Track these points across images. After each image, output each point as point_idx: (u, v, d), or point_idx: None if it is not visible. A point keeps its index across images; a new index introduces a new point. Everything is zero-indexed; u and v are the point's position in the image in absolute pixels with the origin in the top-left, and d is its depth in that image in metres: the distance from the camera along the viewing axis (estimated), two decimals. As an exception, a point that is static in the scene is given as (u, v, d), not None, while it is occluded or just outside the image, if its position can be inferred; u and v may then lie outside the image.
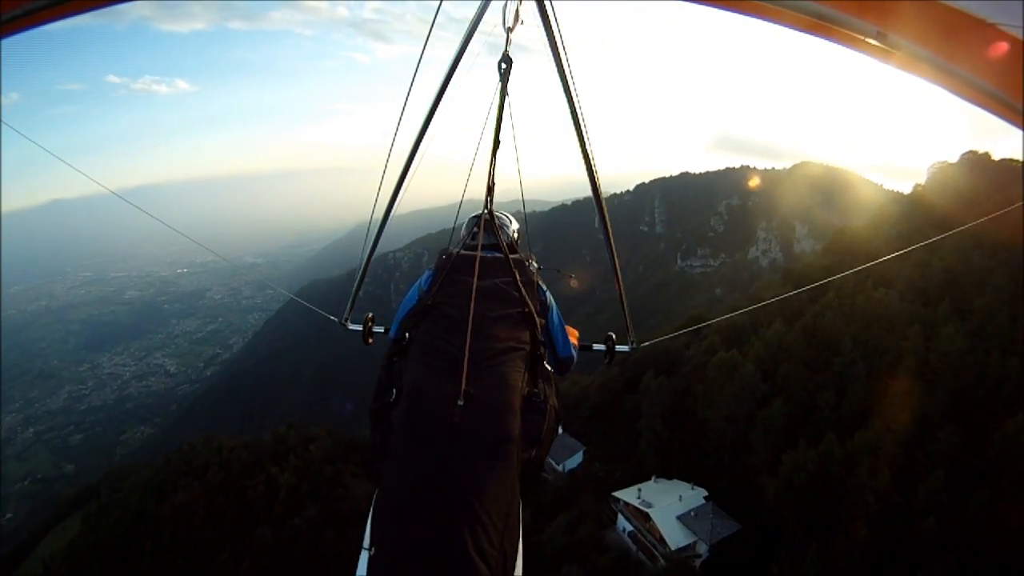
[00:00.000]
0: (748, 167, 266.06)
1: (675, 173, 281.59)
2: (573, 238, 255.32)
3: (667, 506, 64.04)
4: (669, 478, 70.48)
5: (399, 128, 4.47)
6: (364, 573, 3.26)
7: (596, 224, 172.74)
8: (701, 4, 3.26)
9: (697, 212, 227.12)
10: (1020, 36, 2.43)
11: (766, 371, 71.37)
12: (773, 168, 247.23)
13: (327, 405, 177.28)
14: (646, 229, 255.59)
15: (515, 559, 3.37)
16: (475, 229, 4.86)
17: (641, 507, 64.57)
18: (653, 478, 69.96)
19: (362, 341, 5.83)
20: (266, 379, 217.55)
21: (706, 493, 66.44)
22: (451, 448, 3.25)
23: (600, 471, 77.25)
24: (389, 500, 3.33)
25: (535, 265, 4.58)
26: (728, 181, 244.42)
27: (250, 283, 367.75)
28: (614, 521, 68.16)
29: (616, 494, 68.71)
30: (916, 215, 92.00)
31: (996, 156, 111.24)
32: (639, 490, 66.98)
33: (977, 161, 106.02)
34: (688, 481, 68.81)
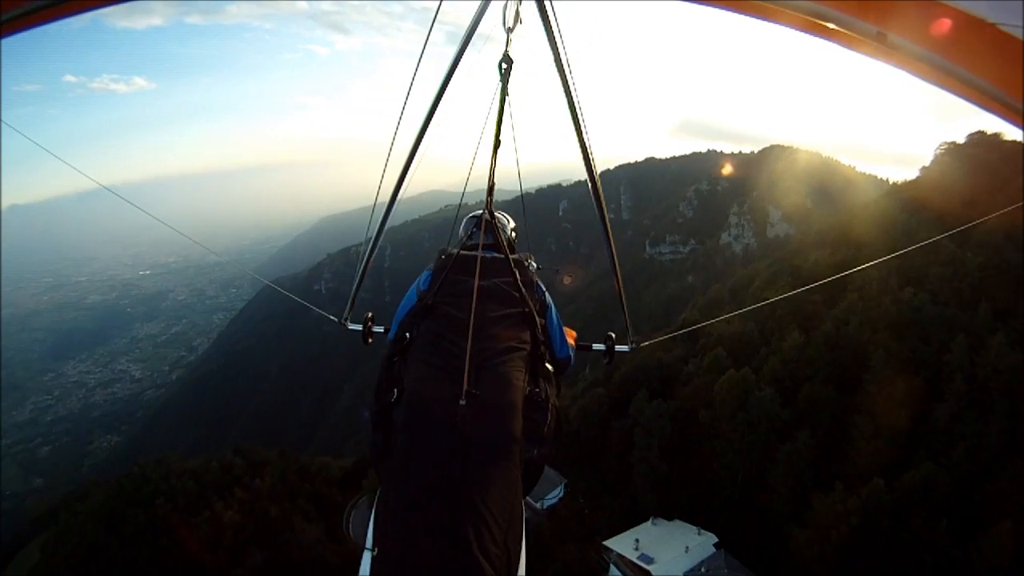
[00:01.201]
0: (715, 151, 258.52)
1: (640, 159, 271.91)
2: (539, 227, 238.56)
3: (671, 560, 52.68)
4: (669, 518, 57.92)
5: (399, 128, 4.24)
6: (367, 573, 3.27)
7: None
8: (701, 4, 3.16)
9: (664, 198, 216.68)
10: (1020, 36, 2.37)
11: (785, 392, 57.89)
12: (740, 152, 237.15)
13: (293, 405, 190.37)
14: (612, 216, 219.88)
15: (518, 559, 3.28)
16: (474, 229, 4.77)
17: (640, 563, 53.47)
18: (651, 520, 57.88)
19: (362, 341, 5.57)
20: (232, 381, 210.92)
21: (716, 540, 54.94)
22: (454, 448, 3.13)
23: (585, 507, 63.13)
24: (392, 500, 3.20)
25: (535, 265, 4.59)
26: (695, 166, 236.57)
27: (214, 282, 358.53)
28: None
29: (608, 543, 56.93)
30: (926, 204, 77.76)
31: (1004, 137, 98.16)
32: (636, 540, 55.84)
33: (986, 143, 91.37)
34: (693, 523, 56.52)
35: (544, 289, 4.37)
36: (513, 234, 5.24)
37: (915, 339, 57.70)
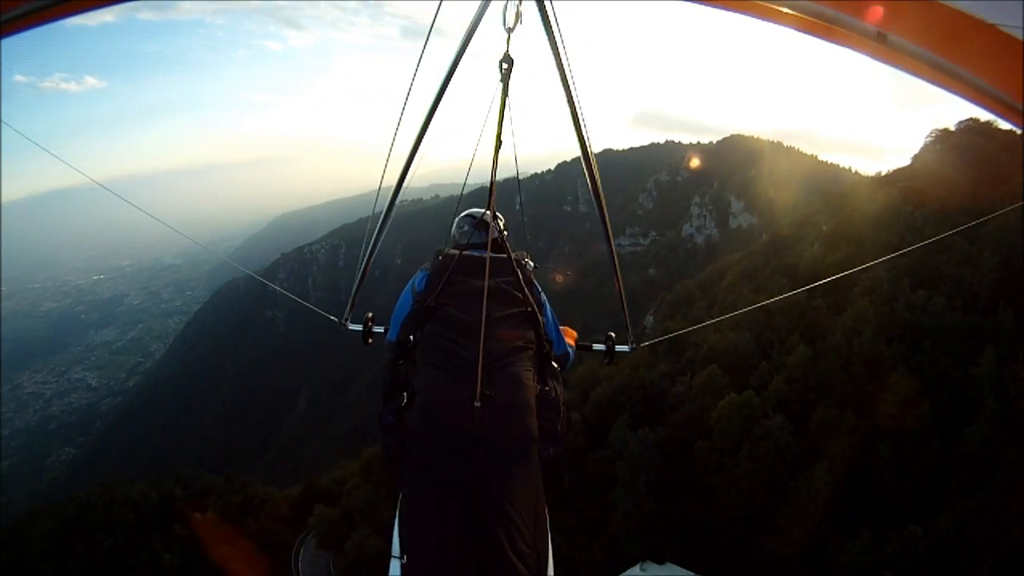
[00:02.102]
0: (674, 142, 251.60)
1: (598, 150, 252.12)
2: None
3: (670, 620, 42.76)
4: (660, 561, 46.73)
5: (399, 128, 4.13)
6: None
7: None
8: (700, 4, 3.16)
9: (623, 190, 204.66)
10: (1020, 36, 2.38)
11: (794, 417, 47.84)
12: (699, 142, 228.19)
13: (251, 409, 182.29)
14: (569, 209, 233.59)
15: (547, 558, 3.30)
16: (465, 228, 4.74)
17: (633, 625, 43.28)
18: (639, 566, 46.74)
19: (362, 341, 5.54)
20: (188, 387, 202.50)
21: (717, 587, 44.97)
22: (475, 451, 3.11)
23: (562, 546, 51.62)
24: (418, 507, 3.20)
25: (531, 264, 4.47)
26: (654, 157, 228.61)
27: (169, 286, 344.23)
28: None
29: (593, 590, 47.39)
30: (926, 196, 67.34)
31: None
32: (626, 591, 45.87)
33: (981, 131, 79.70)
34: (689, 568, 45.74)
35: (540, 288, 4.28)
36: (505, 233, 4.79)
37: (936, 351, 48.48)
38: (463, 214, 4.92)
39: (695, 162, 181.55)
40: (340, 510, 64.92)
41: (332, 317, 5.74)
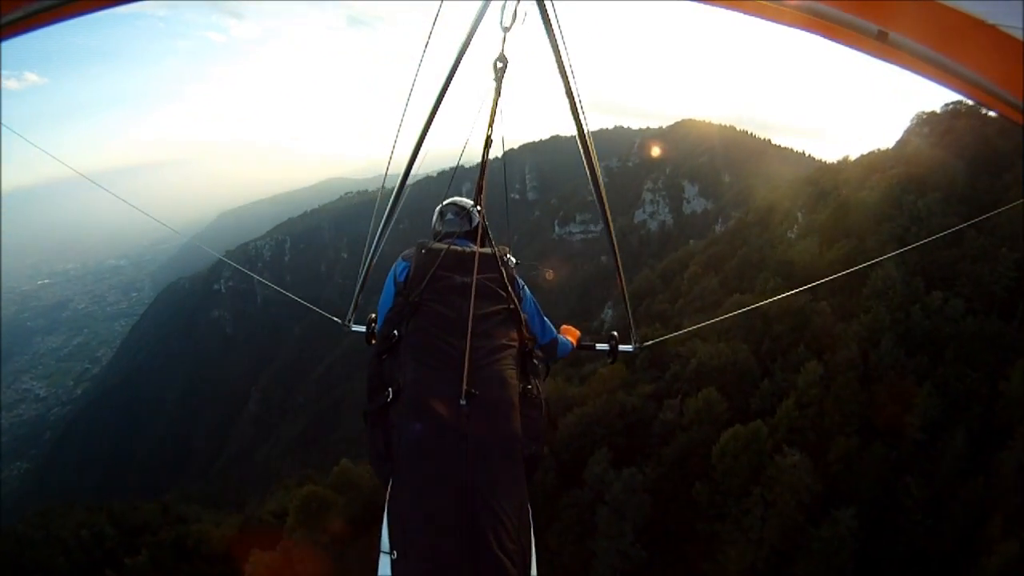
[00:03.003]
0: (623, 127, 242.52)
1: (545, 137, 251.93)
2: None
3: None
4: None
5: (400, 128, 4.09)
6: (387, 575, 3.09)
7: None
8: (701, 3, 3.14)
9: (572, 176, 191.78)
10: (1020, 37, 2.35)
11: (810, 449, 38.36)
12: (649, 127, 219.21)
13: (200, 415, 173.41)
14: (517, 197, 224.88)
15: (531, 554, 3.21)
16: (448, 216, 4.59)
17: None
18: None
19: (365, 342, 5.13)
20: (136, 393, 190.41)
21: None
22: (461, 448, 3.07)
23: None
24: (406, 504, 3.12)
25: (512, 260, 4.23)
26: (604, 143, 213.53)
27: (114, 288, 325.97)
28: None
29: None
30: (924, 183, 56.99)
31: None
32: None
33: (971, 115, 67.39)
34: None
35: (522, 283, 4.15)
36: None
37: (960, 363, 40.19)
38: (447, 202, 4.68)
39: (656, 151, 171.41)
40: (280, 554, 55.65)
41: (335, 319, 5.50)
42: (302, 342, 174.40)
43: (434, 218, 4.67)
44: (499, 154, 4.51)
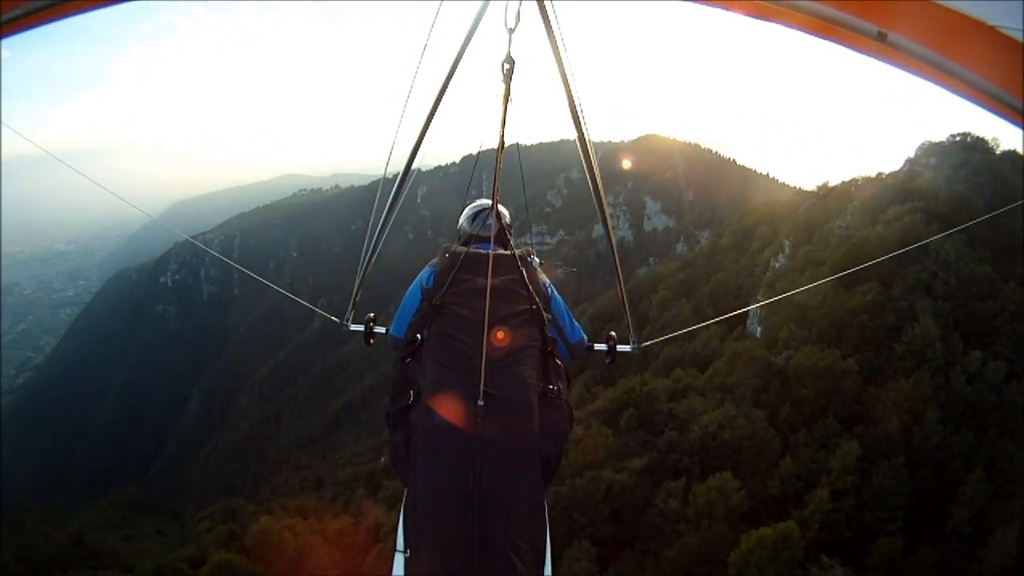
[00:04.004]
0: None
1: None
2: (400, 214, 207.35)
3: None
4: None
5: (399, 128, 3.80)
6: (401, 574, 3.11)
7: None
8: (701, 4, 3.05)
9: (530, 185, 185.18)
10: (1020, 39, 2.25)
11: (845, 549, 29.46)
12: (610, 141, 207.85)
13: (140, 412, 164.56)
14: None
15: (544, 556, 3.20)
16: (474, 221, 4.52)
17: None
18: None
19: (364, 341, 4.86)
20: (78, 386, 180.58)
21: None
22: (477, 449, 2.99)
23: None
24: (421, 503, 3.06)
25: (537, 260, 4.08)
26: (564, 153, 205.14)
27: (61, 275, 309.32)
28: None
29: None
30: (948, 220, 45.65)
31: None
32: None
33: (976, 147, 62.92)
34: None
35: (548, 282, 3.98)
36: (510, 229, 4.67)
37: (1006, 442, 32.32)
38: (473, 205, 4.63)
39: (622, 164, 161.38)
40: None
41: (334, 318, 5.07)
42: (246, 343, 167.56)
43: (460, 221, 4.60)
44: (512, 154, 3.95)
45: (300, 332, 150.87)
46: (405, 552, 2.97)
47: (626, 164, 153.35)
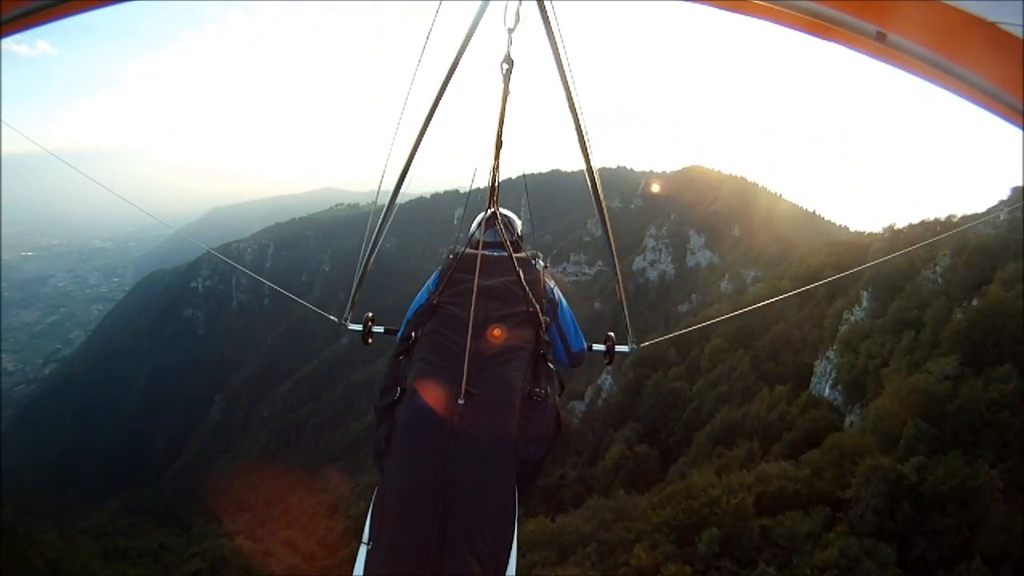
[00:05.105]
0: (626, 168, 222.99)
1: (545, 170, 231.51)
2: (433, 234, 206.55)
3: None
4: None
5: (398, 128, 3.82)
6: (362, 567, 3.09)
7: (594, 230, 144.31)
8: (700, 4, 3.03)
9: (570, 213, 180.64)
10: (1020, 35, 2.22)
11: None
12: (652, 171, 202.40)
13: (162, 414, 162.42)
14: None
15: (507, 560, 3.09)
16: (482, 225, 4.65)
17: None
18: None
19: (361, 341, 4.90)
20: (102, 383, 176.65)
21: None
22: (450, 446, 2.97)
23: None
24: (387, 497, 3.06)
25: (542, 263, 4.11)
26: (605, 182, 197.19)
27: (97, 270, 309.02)
28: None
29: None
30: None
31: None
32: None
33: None
34: None
35: (553, 286, 3.98)
36: (521, 233, 4.91)
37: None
38: (483, 213, 4.74)
39: (662, 194, 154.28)
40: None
41: (332, 317, 5.09)
42: (272, 354, 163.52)
43: (472, 226, 4.67)
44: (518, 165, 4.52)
45: (327, 348, 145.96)
46: (368, 544, 2.92)
47: (664, 195, 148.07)
